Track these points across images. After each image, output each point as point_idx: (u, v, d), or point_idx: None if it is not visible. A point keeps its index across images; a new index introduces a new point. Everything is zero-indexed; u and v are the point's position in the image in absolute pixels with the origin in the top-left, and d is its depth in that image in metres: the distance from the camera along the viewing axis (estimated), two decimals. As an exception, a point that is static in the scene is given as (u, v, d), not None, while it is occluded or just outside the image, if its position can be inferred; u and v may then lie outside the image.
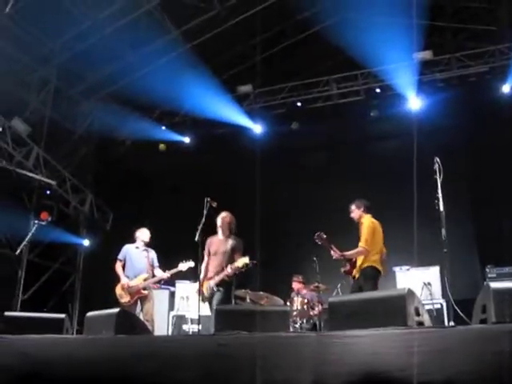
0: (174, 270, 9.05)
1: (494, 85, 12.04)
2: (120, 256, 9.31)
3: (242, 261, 7.84)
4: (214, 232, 8.44)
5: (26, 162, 12.06)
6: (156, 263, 9.29)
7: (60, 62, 12.50)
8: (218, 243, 8.24)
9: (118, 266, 9.23)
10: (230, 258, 8.03)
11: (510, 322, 3.72)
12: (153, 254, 9.37)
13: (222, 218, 8.29)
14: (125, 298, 8.95)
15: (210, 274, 8.10)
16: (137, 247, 9.36)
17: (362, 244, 8.16)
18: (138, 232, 9.47)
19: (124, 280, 9.05)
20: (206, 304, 8.23)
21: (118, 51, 12.42)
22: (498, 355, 3.34)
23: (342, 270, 8.48)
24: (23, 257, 12.35)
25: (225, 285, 8.00)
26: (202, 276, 8.03)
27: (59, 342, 4.87)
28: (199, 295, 7.78)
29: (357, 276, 8.18)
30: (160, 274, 9.16)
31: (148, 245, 9.46)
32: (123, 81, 13.03)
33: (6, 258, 11.82)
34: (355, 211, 8.60)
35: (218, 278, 7.93)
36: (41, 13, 10.76)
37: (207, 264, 8.21)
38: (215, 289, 7.93)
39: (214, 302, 7.93)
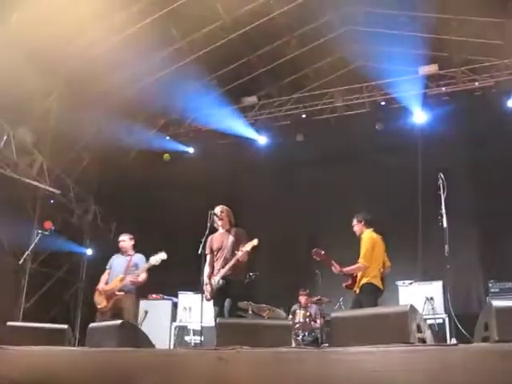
0: (146, 266, 8.76)
1: (500, 99, 12.05)
2: (107, 265, 9.29)
3: (251, 244, 7.69)
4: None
5: (31, 171, 12.06)
6: (141, 265, 8.87)
7: (66, 71, 12.54)
8: (221, 238, 8.05)
9: (103, 275, 9.18)
10: (235, 249, 7.83)
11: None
12: (137, 258, 9.08)
13: (219, 212, 8.11)
14: (101, 304, 8.79)
15: (215, 271, 7.89)
16: (121, 254, 9.28)
17: (361, 260, 8.13)
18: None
19: (99, 285, 9.00)
20: (209, 314, 8.10)
21: (124, 61, 12.46)
22: (501, 374, 3.32)
23: (344, 284, 8.48)
24: (26, 265, 12.35)
25: (235, 286, 7.80)
26: (207, 273, 7.89)
27: (63, 353, 4.86)
28: (202, 302, 7.71)
29: (357, 291, 8.18)
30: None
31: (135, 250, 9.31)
32: (128, 91, 13.07)
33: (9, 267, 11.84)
34: (357, 225, 8.58)
35: (223, 271, 7.71)
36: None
37: (211, 261, 8.01)
38: (221, 282, 7.70)
39: (226, 305, 7.75)
